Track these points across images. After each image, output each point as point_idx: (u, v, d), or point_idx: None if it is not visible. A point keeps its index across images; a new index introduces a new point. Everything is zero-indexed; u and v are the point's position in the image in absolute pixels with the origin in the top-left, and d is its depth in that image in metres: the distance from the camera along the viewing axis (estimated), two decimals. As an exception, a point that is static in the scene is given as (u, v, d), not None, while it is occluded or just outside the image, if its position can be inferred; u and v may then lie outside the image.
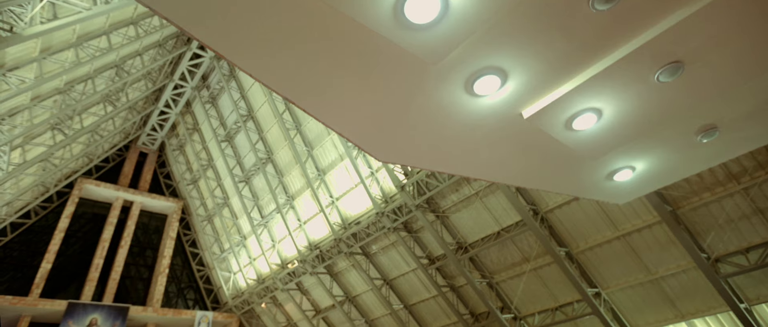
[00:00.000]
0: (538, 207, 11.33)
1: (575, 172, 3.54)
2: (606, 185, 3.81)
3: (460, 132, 2.86)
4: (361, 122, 2.71)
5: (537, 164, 3.39)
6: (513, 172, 3.55)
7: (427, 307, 15.94)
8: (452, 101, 2.57)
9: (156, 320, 19.74)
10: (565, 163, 3.34)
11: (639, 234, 10.42)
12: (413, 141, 2.95)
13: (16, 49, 10.12)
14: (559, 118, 2.73)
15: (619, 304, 11.48)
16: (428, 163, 3.40)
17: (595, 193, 4.06)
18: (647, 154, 3.34)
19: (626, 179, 3.64)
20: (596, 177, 3.64)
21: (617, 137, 3.02)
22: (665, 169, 3.67)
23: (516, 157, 3.25)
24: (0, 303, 15.70)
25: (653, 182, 3.88)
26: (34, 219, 19.27)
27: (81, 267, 19.91)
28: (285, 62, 2.18)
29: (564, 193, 3.66)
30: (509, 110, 2.68)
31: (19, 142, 13.63)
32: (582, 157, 3.21)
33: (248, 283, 21.51)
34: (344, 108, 2.60)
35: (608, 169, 3.47)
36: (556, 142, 2.99)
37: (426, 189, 12.52)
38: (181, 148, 24.13)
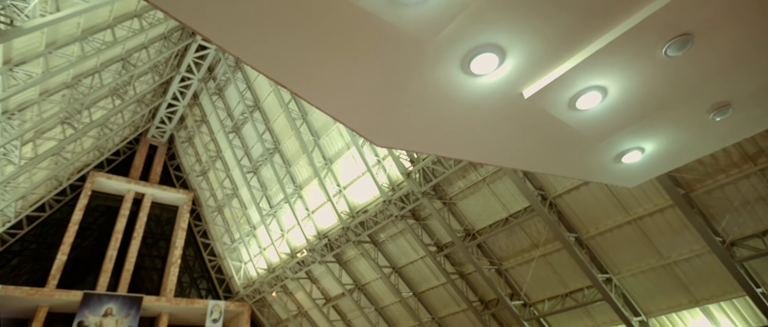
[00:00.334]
0: (546, 192, 11.17)
1: (581, 154, 3.40)
2: (614, 168, 3.66)
3: (459, 114, 2.75)
4: (356, 106, 2.62)
5: (540, 146, 3.26)
6: (516, 155, 3.43)
7: (436, 294, 15.97)
8: (449, 82, 2.46)
9: (169, 310, 20.12)
10: (570, 144, 3.21)
11: (651, 218, 10.22)
12: (411, 124, 2.85)
13: (21, 44, 10.18)
14: (561, 98, 2.60)
15: (630, 289, 11.34)
16: (427, 147, 3.30)
17: (602, 176, 3.91)
18: (656, 134, 3.18)
19: (635, 161, 3.49)
20: (603, 159, 3.50)
21: (624, 117, 2.88)
22: (676, 150, 3.51)
23: (518, 139, 3.12)
24: (18, 294, 16.14)
25: (664, 164, 3.72)
26: (48, 212, 19.65)
27: (96, 258, 20.32)
28: (273, 43, 2.09)
29: (571, 177, 3.53)
30: (509, 90, 2.56)
31: (30, 137, 13.82)
32: (587, 138, 3.08)
33: (259, 272, 21.77)
34: (337, 91, 2.51)
35: (616, 151, 3.32)
36: (559, 123, 2.86)
37: (432, 176, 12.42)
38: (189, 140, 24.31)
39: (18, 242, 18.78)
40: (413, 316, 16.15)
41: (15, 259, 18.70)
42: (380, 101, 2.60)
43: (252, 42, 2.06)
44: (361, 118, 2.74)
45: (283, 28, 1.97)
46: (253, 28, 1.96)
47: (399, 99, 2.57)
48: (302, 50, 2.14)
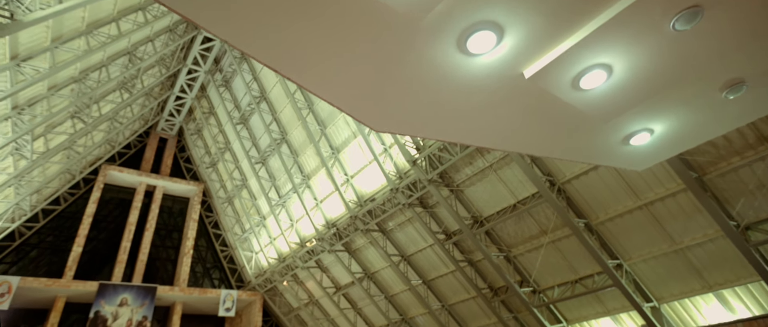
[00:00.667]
0: (554, 178, 11.02)
1: (587, 136, 3.27)
2: (622, 150, 3.53)
3: (458, 96, 2.65)
4: (353, 91, 2.55)
5: (544, 129, 3.14)
6: (519, 139, 3.32)
7: (445, 282, 15.98)
8: (446, 63, 2.37)
9: (183, 299, 20.50)
10: (575, 126, 3.08)
11: (662, 203, 10.03)
12: (410, 108, 2.77)
13: (27, 39, 10.26)
14: (564, 77, 2.49)
15: (641, 275, 11.20)
16: (428, 132, 3.21)
17: (610, 159, 3.78)
18: (666, 115, 3.04)
19: (644, 143, 3.35)
20: (610, 141, 3.37)
21: (630, 96, 2.75)
22: (687, 131, 3.36)
23: (521, 121, 3.01)
24: (36, 285, 16.57)
25: (674, 146, 3.58)
26: (63, 205, 20.03)
27: (111, 250, 20.73)
28: (264, 27, 2.02)
29: (577, 161, 3.42)
30: (509, 70, 2.46)
31: (41, 131, 14.02)
32: (593, 119, 2.95)
33: (270, 262, 22.01)
34: (332, 75, 2.43)
35: (623, 133, 3.19)
36: (563, 104, 2.75)
37: (438, 163, 12.33)
38: (198, 132, 24.48)
39: (35, 235, 19.21)
40: (423, 303, 16.22)
41: (33, 251, 19.16)
42: (377, 85, 2.52)
43: (244, 27, 1.99)
44: (359, 103, 2.67)
45: (274, 10, 1.90)
46: (246, 12, 1.90)
47: (396, 82, 2.48)
48: (294, 33, 2.07)
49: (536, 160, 10.98)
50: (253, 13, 1.91)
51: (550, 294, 12.82)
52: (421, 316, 17.60)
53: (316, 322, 21.98)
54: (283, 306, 23.22)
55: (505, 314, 14.43)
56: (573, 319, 13.05)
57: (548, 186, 10.85)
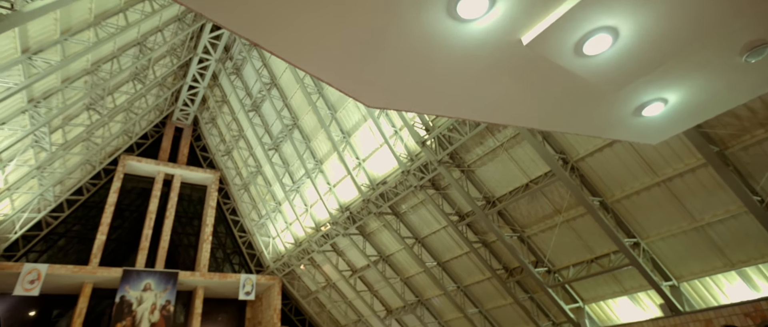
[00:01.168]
0: (567, 155, 10.75)
1: (595, 107, 3.07)
2: (634, 122, 3.31)
3: (452, 67, 2.50)
4: (338, 63, 2.44)
5: (548, 101, 2.95)
6: (522, 112, 3.14)
7: (460, 263, 15.96)
8: (436, 30, 2.23)
9: (204, 284, 21.06)
10: (580, 97, 2.88)
11: (681, 179, 9.70)
12: (402, 82, 2.63)
13: (37, 32, 10.42)
14: (565, 42, 2.32)
15: (660, 254, 10.94)
16: (421, 106, 3.07)
17: (621, 132, 3.57)
18: (680, 83, 2.81)
19: (657, 114, 3.12)
20: (621, 113, 3.16)
21: (640, 62, 2.55)
22: (704, 101, 3.11)
23: (522, 93, 2.83)
24: (64, 272, 17.23)
25: (691, 117, 3.34)
26: (86, 195, 20.64)
27: (133, 237, 21.37)
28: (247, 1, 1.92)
29: (586, 134, 3.23)
30: (505, 36, 2.30)
31: (58, 124, 14.35)
32: (601, 89, 2.76)
33: (286, 246, 22.35)
34: (317, 48, 2.33)
35: (634, 103, 2.97)
36: (566, 73, 2.57)
37: (448, 143, 12.15)
38: (213, 121, 24.74)
39: (62, 224, 19.91)
40: (438, 285, 16.27)
41: (61, 240, 19.89)
42: (365, 58, 2.40)
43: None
44: (349, 78, 2.55)
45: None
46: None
47: (383, 53, 2.36)
48: (273, 6, 1.97)
49: (548, 138, 10.71)
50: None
51: (565, 274, 12.67)
52: (437, 298, 17.69)
53: (334, 305, 22.36)
54: (302, 289, 23.66)
55: (520, 295, 14.37)
56: (589, 298, 12.90)
57: (561, 164, 10.60)
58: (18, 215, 16.43)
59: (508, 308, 15.46)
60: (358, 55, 2.32)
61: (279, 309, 22.36)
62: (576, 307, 13.05)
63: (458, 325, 17.70)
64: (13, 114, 11.97)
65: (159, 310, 18.73)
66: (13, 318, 18.07)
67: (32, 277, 16.13)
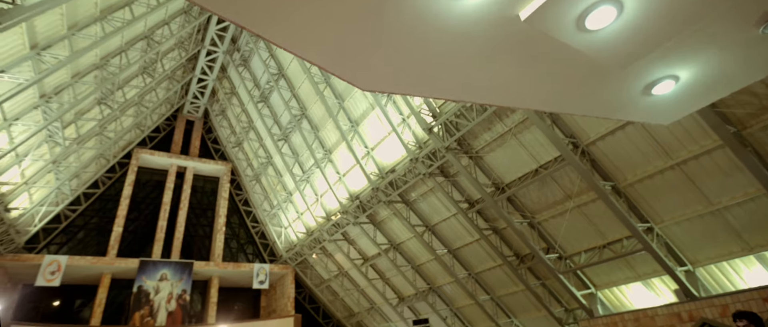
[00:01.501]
0: (578, 139, 10.47)
1: (602, 87, 2.87)
2: (643, 102, 3.10)
3: (449, 48, 2.36)
4: (332, 46, 2.33)
5: (551, 80, 2.76)
6: (524, 93, 2.97)
7: (471, 250, 15.88)
8: (430, 8, 2.10)
9: (218, 273, 21.47)
10: (585, 76, 2.69)
11: (696, 161, 9.36)
12: (396, 64, 2.51)
13: (44, 28, 10.57)
14: (566, 16, 2.14)
15: (674, 238, 10.64)
16: (420, 90, 2.94)
17: (630, 112, 3.37)
18: (692, 58, 2.58)
19: (668, 92, 2.89)
20: (630, 92, 2.95)
21: (648, 37, 2.34)
22: (718, 77, 2.86)
23: (523, 73, 2.65)
24: (83, 263, 17.76)
25: (704, 95, 3.11)
26: (102, 188, 21.13)
27: (149, 228, 21.84)
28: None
29: (593, 115, 3.05)
30: (502, 12, 2.13)
31: (70, 118, 14.63)
32: (607, 66, 2.56)
33: (298, 236, 22.56)
34: (306, 29, 2.21)
35: (643, 81, 2.75)
36: (569, 50, 2.37)
37: (455, 129, 11.97)
38: (223, 113, 24.94)
39: (80, 217, 20.45)
40: (449, 272, 16.23)
41: (80, 232, 20.45)
42: (356, 38, 2.28)
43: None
44: (343, 61, 2.45)
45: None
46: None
47: (377, 34, 2.24)
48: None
49: (557, 122, 10.44)
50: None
51: (576, 260, 12.47)
52: (449, 285, 17.68)
53: (347, 293, 22.58)
54: (315, 278, 23.93)
55: (532, 281, 14.24)
56: (602, 284, 12.70)
57: (571, 148, 10.34)
58: (37, 209, 16.92)
59: (520, 295, 15.36)
60: (351, 37, 2.21)
61: (293, 297, 22.69)
62: (588, 293, 12.87)
63: (470, 312, 17.69)
64: (27, 110, 12.24)
65: (176, 299, 19.19)
66: (38, 308, 18.76)
67: (53, 269, 16.66)
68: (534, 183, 11.95)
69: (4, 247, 16.18)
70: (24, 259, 16.92)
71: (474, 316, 17.70)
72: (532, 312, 15.42)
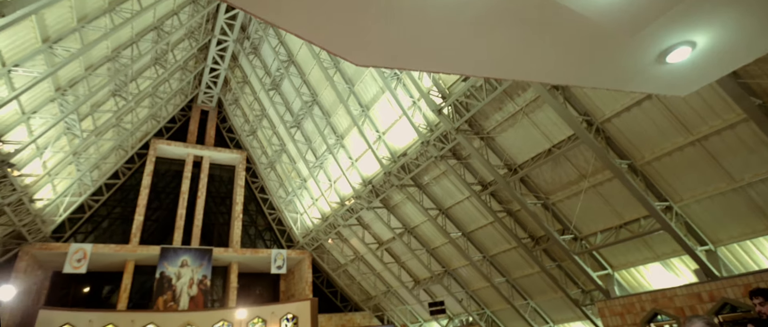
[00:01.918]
0: (592, 117, 10.13)
1: (611, 55, 2.63)
2: (657, 71, 2.83)
3: (445, 17, 2.19)
4: (322, 18, 2.22)
5: (556, 50, 2.55)
6: (528, 65, 2.78)
7: (485, 233, 15.76)
8: None
9: (237, 259, 21.95)
10: (592, 43, 2.45)
11: (718, 136, 8.95)
12: (392, 36, 2.36)
13: (54, 21, 10.73)
14: None
15: (695, 217, 10.29)
16: (417, 63, 2.78)
17: (644, 83, 3.11)
18: (709, 21, 2.31)
19: (684, 60, 2.61)
20: (642, 60, 2.69)
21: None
22: (738, 43, 2.57)
23: (525, 43, 2.45)
24: (107, 251, 18.40)
25: (725, 63, 2.83)
26: (122, 179, 21.70)
27: (170, 217, 22.39)
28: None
29: (603, 87, 2.82)
30: None
31: (86, 111, 14.96)
32: (615, 32, 2.33)
33: (313, 222, 22.80)
34: (297, 3, 2.10)
35: (656, 48, 2.48)
36: (573, 15, 2.17)
37: (465, 110, 11.74)
38: (236, 102, 25.13)
39: (103, 207, 21.10)
40: (464, 255, 16.17)
41: (104, 221, 21.13)
42: (352, 11, 2.16)
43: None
44: (334, 35, 2.34)
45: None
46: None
47: (371, 4, 2.11)
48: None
49: (571, 99, 10.11)
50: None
51: (592, 241, 12.22)
52: (464, 268, 17.65)
53: (363, 277, 22.81)
54: (331, 262, 24.23)
55: (547, 263, 14.07)
56: (619, 265, 12.44)
57: (585, 126, 10.02)
58: (61, 199, 17.52)
59: (536, 277, 15.22)
60: (344, 9, 2.10)
61: (310, 281, 23.07)
62: (604, 274, 12.64)
63: (486, 294, 17.67)
64: (43, 103, 12.55)
65: (197, 285, 19.75)
66: (68, 294, 19.60)
67: (79, 256, 17.31)
68: (547, 163, 11.68)
69: (32, 236, 16.86)
70: (51, 247, 17.63)
71: (489, 298, 17.68)
72: (548, 294, 15.29)
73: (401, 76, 14.48)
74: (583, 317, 14.34)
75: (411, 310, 22.16)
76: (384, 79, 14.55)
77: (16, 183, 13.34)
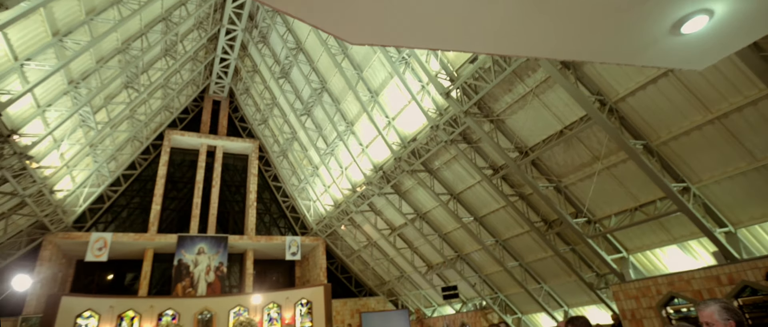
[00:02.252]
0: (605, 97, 9.80)
1: (620, 27, 2.42)
2: (671, 43, 2.59)
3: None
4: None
5: (561, 22, 2.35)
6: (532, 40, 2.60)
7: (497, 217, 15.62)
8: None
9: (252, 246, 22.32)
10: (599, 14, 2.26)
11: (740, 114, 8.57)
12: (383, 10, 2.25)
13: (63, 15, 10.85)
14: None
15: (714, 198, 9.95)
16: (415, 40, 2.65)
17: (657, 57, 2.87)
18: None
19: (701, 30, 2.37)
20: (654, 31, 2.46)
21: None
22: (761, 11, 2.33)
23: (528, 15, 2.27)
24: (126, 240, 18.92)
25: (745, 33, 2.57)
26: (139, 169, 22.15)
27: (187, 206, 22.83)
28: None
29: (613, 62, 2.62)
30: None
31: (100, 103, 15.23)
32: (625, 1, 2.15)
33: (326, 209, 22.96)
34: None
35: (670, 18, 2.26)
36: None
37: (473, 92, 11.50)
38: (247, 91, 25.25)
39: (122, 197, 21.63)
40: (477, 240, 16.09)
41: (124, 211, 21.68)
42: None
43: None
44: (325, 11, 2.24)
45: None
46: None
47: None
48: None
49: (583, 79, 9.79)
50: None
51: (606, 224, 11.97)
52: (476, 253, 17.58)
53: (377, 262, 22.97)
54: (345, 248, 24.45)
55: (561, 247, 13.88)
56: (634, 248, 12.19)
57: (598, 106, 9.71)
58: (80, 190, 18.01)
59: (550, 260, 15.06)
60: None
61: (325, 267, 23.35)
62: (619, 258, 12.41)
63: (499, 278, 17.60)
64: (57, 96, 12.80)
65: (214, 271, 20.20)
66: (93, 281, 20.30)
67: (100, 245, 17.85)
68: (559, 145, 11.41)
69: (54, 226, 17.43)
70: (73, 236, 18.21)
71: (503, 283, 17.61)
72: (562, 277, 15.13)
73: (409, 61, 14.27)
74: (598, 301, 14.17)
75: (425, 295, 22.28)
76: (392, 63, 14.36)
77: (35, 175, 13.73)
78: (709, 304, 2.50)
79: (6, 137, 11.42)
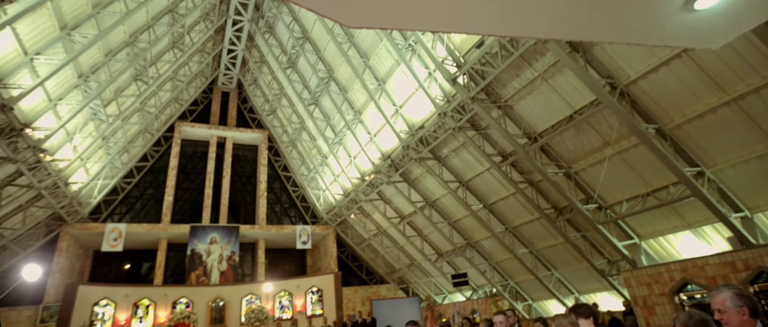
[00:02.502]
0: (615, 80, 9.56)
1: (631, 4, 2.32)
2: (683, 21, 2.46)
3: None
4: None
5: (569, 1, 2.27)
6: (537, 19, 2.51)
7: (507, 204, 15.51)
8: None
9: (263, 235, 22.58)
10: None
11: (757, 95, 8.28)
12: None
13: (70, 9, 10.93)
14: None
15: (729, 182, 9.70)
16: (416, 22, 2.58)
17: (668, 35, 2.74)
18: None
19: (714, 6, 2.24)
20: (665, 9, 2.34)
21: None
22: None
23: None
24: (140, 230, 19.30)
25: (762, 8, 2.45)
26: (151, 161, 22.46)
27: (198, 196, 23.14)
28: None
29: (622, 42, 2.50)
30: None
31: (110, 96, 15.41)
32: None
33: (335, 198, 23.06)
34: None
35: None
36: None
37: (480, 78, 11.32)
38: (255, 82, 25.29)
39: (136, 189, 22.01)
40: (486, 227, 16.02)
41: (138, 202, 22.08)
42: None
43: None
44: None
45: None
46: None
47: None
48: None
49: (592, 62, 9.55)
50: None
51: (617, 210, 11.79)
52: (486, 240, 17.53)
53: (387, 251, 23.08)
54: (355, 237, 24.59)
55: (571, 233, 13.75)
56: (646, 234, 12.00)
57: (609, 90, 9.48)
58: (94, 182, 18.36)
59: (560, 247, 14.94)
60: None
61: (335, 256, 23.55)
62: (631, 244, 12.24)
63: (509, 265, 17.55)
64: (68, 90, 12.98)
65: (226, 260, 20.52)
66: (110, 271, 20.83)
67: (115, 235, 18.25)
68: (568, 130, 11.21)
69: (71, 217, 17.84)
70: (89, 227, 18.64)
71: (513, 270, 17.56)
72: (572, 264, 15.02)
73: (415, 47, 14.09)
74: (609, 287, 14.05)
75: (435, 282, 22.36)
76: (398, 51, 14.20)
77: (50, 168, 14.02)
78: (722, 290, 2.41)
79: (19, 131, 11.65)
